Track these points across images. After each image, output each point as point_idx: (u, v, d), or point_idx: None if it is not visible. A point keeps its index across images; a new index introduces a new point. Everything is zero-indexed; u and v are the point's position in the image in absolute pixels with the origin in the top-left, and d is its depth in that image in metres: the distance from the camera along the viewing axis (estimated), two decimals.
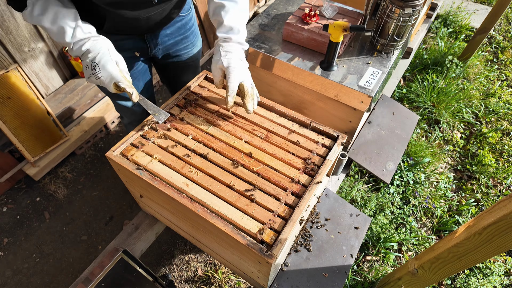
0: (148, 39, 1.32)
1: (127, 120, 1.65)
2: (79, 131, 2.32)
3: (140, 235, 1.60)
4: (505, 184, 2.37)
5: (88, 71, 1.03)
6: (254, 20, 1.79)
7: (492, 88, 3.00)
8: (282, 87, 1.69)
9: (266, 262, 0.95)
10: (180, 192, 1.08)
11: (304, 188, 1.11)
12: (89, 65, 1.02)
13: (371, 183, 2.29)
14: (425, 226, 2.17)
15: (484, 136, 2.64)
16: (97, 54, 1.01)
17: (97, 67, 1.01)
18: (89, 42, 1.02)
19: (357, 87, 1.47)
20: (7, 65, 1.97)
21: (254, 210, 1.05)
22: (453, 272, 1.25)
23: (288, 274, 1.38)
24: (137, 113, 1.57)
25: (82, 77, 2.43)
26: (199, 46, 1.56)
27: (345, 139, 1.25)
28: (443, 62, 3.04)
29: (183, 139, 1.22)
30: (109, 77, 1.02)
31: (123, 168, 1.15)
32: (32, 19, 1.00)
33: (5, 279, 1.89)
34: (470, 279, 1.92)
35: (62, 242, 2.04)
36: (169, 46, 1.41)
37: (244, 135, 1.24)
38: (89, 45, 1.02)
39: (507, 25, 3.71)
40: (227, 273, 1.90)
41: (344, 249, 1.49)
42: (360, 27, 1.35)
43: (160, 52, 1.41)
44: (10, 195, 2.21)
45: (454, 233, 1.18)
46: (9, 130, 1.93)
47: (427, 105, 2.73)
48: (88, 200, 2.21)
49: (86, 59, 1.02)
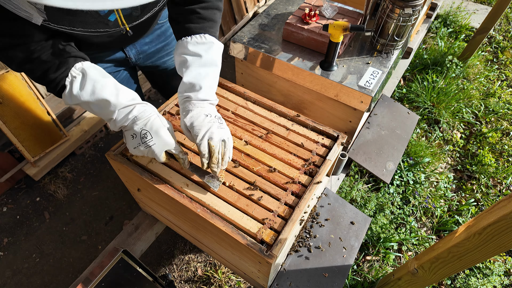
0: (126, 49, 1.28)
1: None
2: (79, 131, 2.32)
3: (140, 235, 1.60)
4: (505, 184, 2.37)
5: (136, 140, 0.94)
6: (254, 20, 1.79)
7: (492, 88, 3.00)
8: (282, 87, 1.69)
9: (266, 262, 0.95)
10: (180, 192, 1.08)
11: (304, 188, 1.11)
12: (137, 133, 0.93)
13: (371, 183, 2.29)
14: (425, 226, 2.17)
15: (484, 136, 2.64)
16: (148, 121, 0.93)
17: (148, 135, 0.93)
18: (136, 108, 0.94)
19: (357, 87, 1.47)
20: None
21: (254, 210, 1.05)
22: (453, 272, 1.25)
23: (288, 274, 1.38)
24: None
25: None
26: None
27: (345, 139, 1.25)
28: (443, 62, 3.04)
29: (183, 139, 1.22)
30: (162, 145, 0.95)
31: (123, 168, 1.15)
32: (72, 99, 0.92)
33: (5, 279, 1.89)
34: (470, 279, 1.92)
35: (62, 242, 2.04)
36: (151, 54, 1.37)
37: (244, 135, 1.24)
38: (137, 111, 0.93)
39: (507, 25, 3.71)
40: (227, 273, 1.90)
41: (344, 249, 1.49)
42: (360, 27, 1.35)
43: (142, 61, 1.37)
44: (10, 195, 2.21)
45: (454, 233, 1.18)
46: (9, 130, 1.93)
47: (427, 105, 2.73)
48: (88, 200, 2.21)
49: (134, 127, 0.93)
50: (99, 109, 0.94)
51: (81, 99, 0.91)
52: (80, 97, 0.91)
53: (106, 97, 0.91)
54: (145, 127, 0.93)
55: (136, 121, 0.93)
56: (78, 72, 0.91)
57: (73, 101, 0.93)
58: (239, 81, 1.84)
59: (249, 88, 1.82)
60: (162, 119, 0.98)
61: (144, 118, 0.94)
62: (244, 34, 1.69)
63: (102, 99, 0.91)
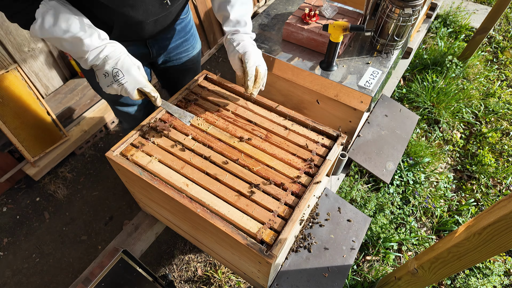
0: (150, 44, 1.31)
1: (127, 125, 1.64)
2: (79, 131, 2.32)
3: (140, 235, 1.60)
4: (504, 184, 2.37)
5: (108, 79, 0.98)
6: (254, 20, 1.79)
7: (492, 88, 3.00)
8: (282, 87, 1.69)
9: (266, 262, 0.95)
10: (180, 192, 1.08)
11: (304, 188, 1.11)
12: (109, 72, 0.97)
13: (371, 183, 2.29)
14: (425, 226, 2.17)
15: (484, 136, 2.64)
16: (118, 60, 0.98)
17: (120, 73, 0.97)
18: (106, 48, 0.97)
19: (357, 87, 1.47)
20: (7, 65, 1.97)
21: (254, 210, 1.05)
22: (453, 272, 1.25)
23: (288, 274, 1.38)
24: (138, 118, 1.55)
25: (81, 77, 2.43)
26: (198, 48, 1.56)
27: (345, 139, 1.25)
28: (443, 62, 3.04)
29: (183, 139, 1.22)
30: (134, 82, 0.99)
31: (123, 168, 1.15)
32: (43, 32, 0.92)
33: (5, 279, 1.89)
34: (470, 279, 1.92)
35: (62, 242, 2.04)
36: (170, 50, 1.41)
37: (244, 135, 1.24)
38: (107, 51, 0.97)
39: (507, 25, 3.71)
40: (227, 273, 1.90)
41: (344, 249, 1.49)
42: (360, 27, 1.35)
43: (162, 57, 1.41)
44: (10, 195, 2.21)
45: (454, 233, 1.18)
46: (9, 130, 1.93)
47: (427, 105, 2.73)
48: (88, 200, 2.21)
49: (105, 66, 0.97)
50: (71, 47, 0.95)
51: (54, 34, 0.92)
52: (53, 33, 0.91)
53: (80, 35, 0.93)
54: (116, 66, 0.97)
55: (107, 60, 0.97)
56: (50, 7, 0.90)
57: (43, 34, 0.93)
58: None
59: None
60: (132, 58, 1.02)
61: (114, 57, 0.98)
62: None
63: (76, 37, 0.93)
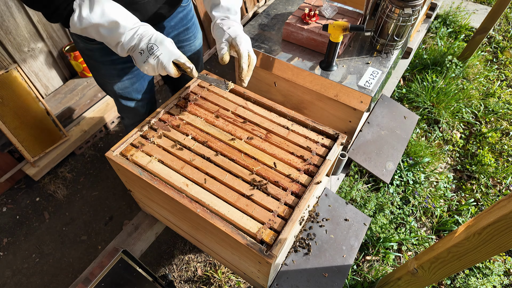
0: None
1: (129, 121, 1.64)
2: (79, 131, 2.32)
3: (140, 235, 1.60)
4: (504, 184, 2.37)
5: (144, 55, 1.03)
6: (254, 20, 1.79)
7: (491, 88, 3.01)
8: (282, 87, 1.69)
9: (266, 262, 0.95)
10: (180, 192, 1.08)
11: (304, 188, 1.11)
12: (144, 48, 1.03)
13: (370, 183, 2.29)
14: (425, 226, 2.17)
15: (484, 136, 2.64)
16: (151, 36, 1.03)
17: (154, 46, 1.03)
18: (140, 28, 1.03)
19: (357, 87, 1.47)
20: (7, 65, 1.97)
21: (254, 210, 1.05)
22: (452, 272, 1.25)
23: (288, 274, 1.38)
24: (140, 113, 1.56)
25: (81, 77, 2.43)
26: (200, 39, 1.57)
27: (344, 139, 1.25)
28: (442, 62, 3.04)
29: (183, 139, 1.22)
30: (169, 54, 1.04)
31: (122, 168, 1.15)
32: (81, 21, 0.96)
33: (5, 279, 1.89)
34: (470, 279, 1.92)
35: (61, 242, 2.04)
36: (173, 38, 1.41)
37: (244, 135, 1.24)
38: (141, 30, 1.03)
39: (507, 25, 3.71)
40: (227, 273, 1.90)
41: (344, 249, 1.49)
42: (359, 27, 1.36)
43: None
44: (10, 195, 2.21)
45: (454, 233, 1.18)
46: (8, 130, 1.93)
47: (427, 105, 2.73)
48: (88, 200, 2.21)
49: (140, 43, 1.03)
50: (108, 32, 1.00)
51: (91, 21, 0.96)
52: (91, 19, 0.96)
53: (116, 18, 0.98)
54: (150, 41, 1.03)
55: (142, 38, 1.03)
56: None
57: (83, 24, 0.97)
58: (239, 81, 1.84)
59: (249, 88, 1.82)
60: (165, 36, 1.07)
61: (148, 35, 1.03)
62: None
63: (112, 21, 0.98)
